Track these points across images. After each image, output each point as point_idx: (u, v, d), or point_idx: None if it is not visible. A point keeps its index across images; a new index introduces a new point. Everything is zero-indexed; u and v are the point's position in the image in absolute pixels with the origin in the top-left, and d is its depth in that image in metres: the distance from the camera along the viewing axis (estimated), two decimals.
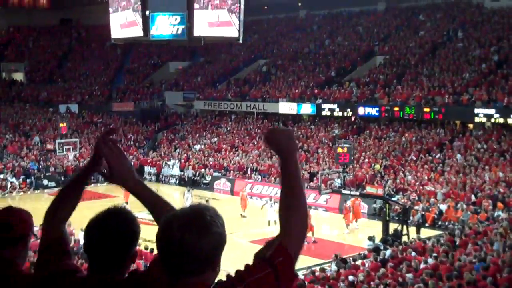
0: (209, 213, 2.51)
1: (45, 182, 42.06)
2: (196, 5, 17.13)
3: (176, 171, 44.18)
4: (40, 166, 43.33)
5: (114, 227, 2.84)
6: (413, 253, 19.80)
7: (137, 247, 2.99)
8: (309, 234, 28.21)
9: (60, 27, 68.22)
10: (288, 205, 2.68)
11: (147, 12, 17.20)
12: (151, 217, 3.05)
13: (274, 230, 29.03)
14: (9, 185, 40.56)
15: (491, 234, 20.54)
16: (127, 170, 3.07)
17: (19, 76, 61.35)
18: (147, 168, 45.49)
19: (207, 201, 29.01)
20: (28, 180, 41.95)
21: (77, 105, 54.65)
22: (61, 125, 46.60)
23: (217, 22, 17.80)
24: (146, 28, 17.47)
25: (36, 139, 47.19)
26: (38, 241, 3.22)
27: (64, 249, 3.11)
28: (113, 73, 61.82)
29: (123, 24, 18.19)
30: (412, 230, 27.38)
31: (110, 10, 18.49)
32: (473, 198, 30.53)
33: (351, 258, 21.60)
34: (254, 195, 37.21)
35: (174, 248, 2.44)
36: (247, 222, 31.55)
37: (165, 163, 45.01)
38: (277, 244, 2.59)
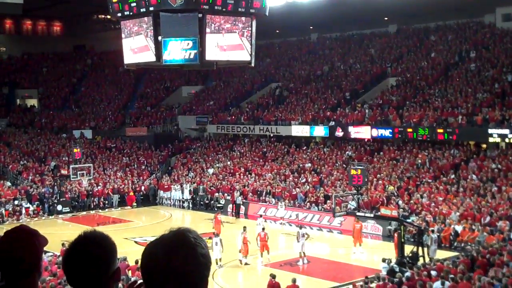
0: (192, 235, 2.43)
1: (59, 207, 42.09)
2: (207, 30, 17.26)
3: (186, 194, 44.20)
4: (54, 192, 43.42)
5: (82, 257, 2.64)
6: (433, 273, 19.63)
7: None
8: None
9: (74, 53, 68.77)
10: None
11: (160, 38, 17.33)
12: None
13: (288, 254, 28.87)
14: (23, 210, 40.65)
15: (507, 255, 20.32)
16: None
17: (33, 103, 61.70)
18: (161, 193, 45.56)
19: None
20: (42, 206, 42.09)
21: (91, 131, 54.89)
22: (75, 150, 46.64)
23: (229, 46, 17.90)
24: (158, 53, 17.60)
25: (52, 165, 47.32)
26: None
27: None
28: (127, 98, 62.10)
29: (135, 49, 18.34)
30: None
31: (123, 35, 18.66)
32: (488, 219, 30.27)
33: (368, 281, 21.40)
34: (268, 218, 37.03)
35: (161, 273, 2.35)
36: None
37: (175, 187, 45.05)
38: None
